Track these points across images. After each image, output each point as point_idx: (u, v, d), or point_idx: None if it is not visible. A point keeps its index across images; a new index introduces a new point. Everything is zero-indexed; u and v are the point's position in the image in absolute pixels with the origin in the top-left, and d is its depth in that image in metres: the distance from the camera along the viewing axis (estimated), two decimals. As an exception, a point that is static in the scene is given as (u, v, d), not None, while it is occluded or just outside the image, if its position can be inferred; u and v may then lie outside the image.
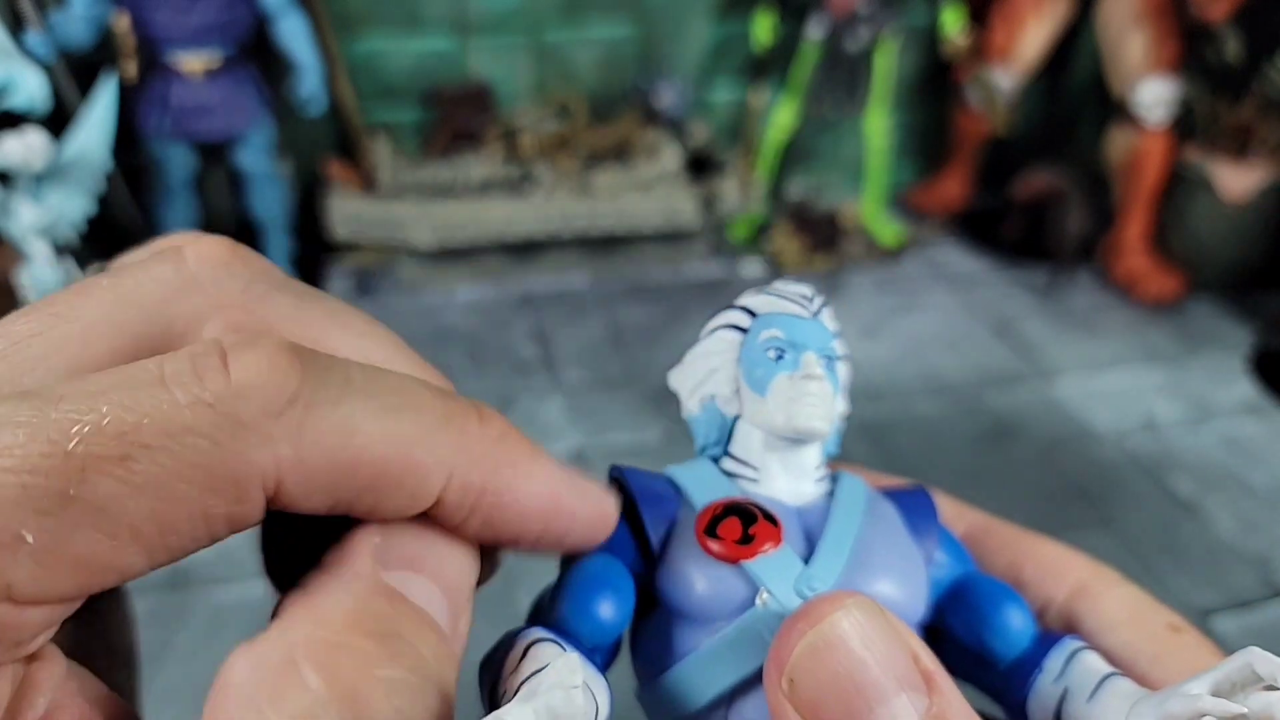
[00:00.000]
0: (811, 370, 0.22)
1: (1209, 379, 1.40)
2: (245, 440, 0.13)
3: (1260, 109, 1.46)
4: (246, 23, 1.35)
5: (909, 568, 0.21)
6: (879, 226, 1.72)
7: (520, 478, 0.17)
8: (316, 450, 0.14)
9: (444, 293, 1.57)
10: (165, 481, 0.13)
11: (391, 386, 0.15)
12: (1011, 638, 0.21)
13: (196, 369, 0.14)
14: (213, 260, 0.17)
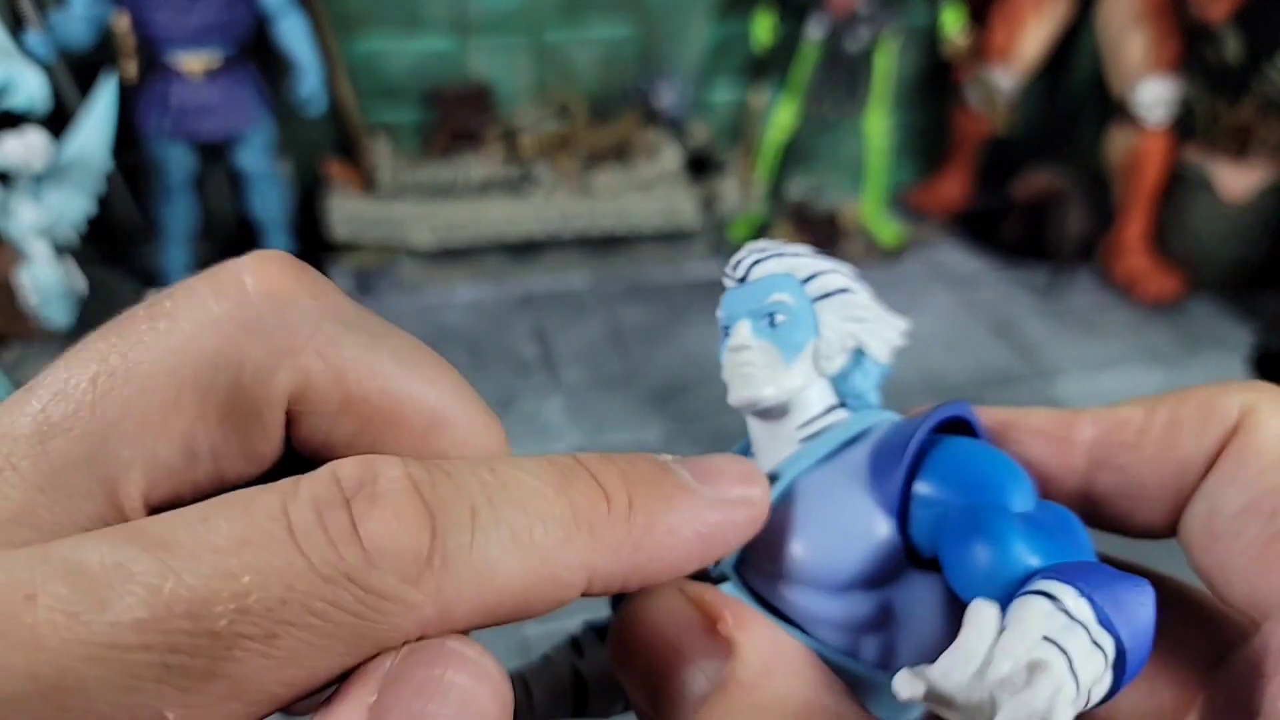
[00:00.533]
0: (738, 340, 0.21)
1: (1209, 379, 1.39)
2: (388, 612, 0.13)
3: (1260, 109, 1.46)
4: (246, 23, 1.35)
5: (838, 528, 0.19)
6: (879, 226, 1.72)
7: (662, 544, 0.16)
8: (459, 605, 0.14)
9: (444, 293, 1.57)
10: (307, 654, 0.13)
11: (514, 499, 0.15)
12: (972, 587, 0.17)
13: (326, 529, 0.13)
14: (279, 295, 0.16)
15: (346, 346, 0.16)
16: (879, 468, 0.19)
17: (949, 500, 0.18)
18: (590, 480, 0.16)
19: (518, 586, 0.14)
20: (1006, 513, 0.17)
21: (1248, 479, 0.17)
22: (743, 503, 0.18)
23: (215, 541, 0.12)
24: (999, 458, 0.19)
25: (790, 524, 0.19)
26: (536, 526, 0.14)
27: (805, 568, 0.19)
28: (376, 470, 0.14)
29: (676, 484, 0.17)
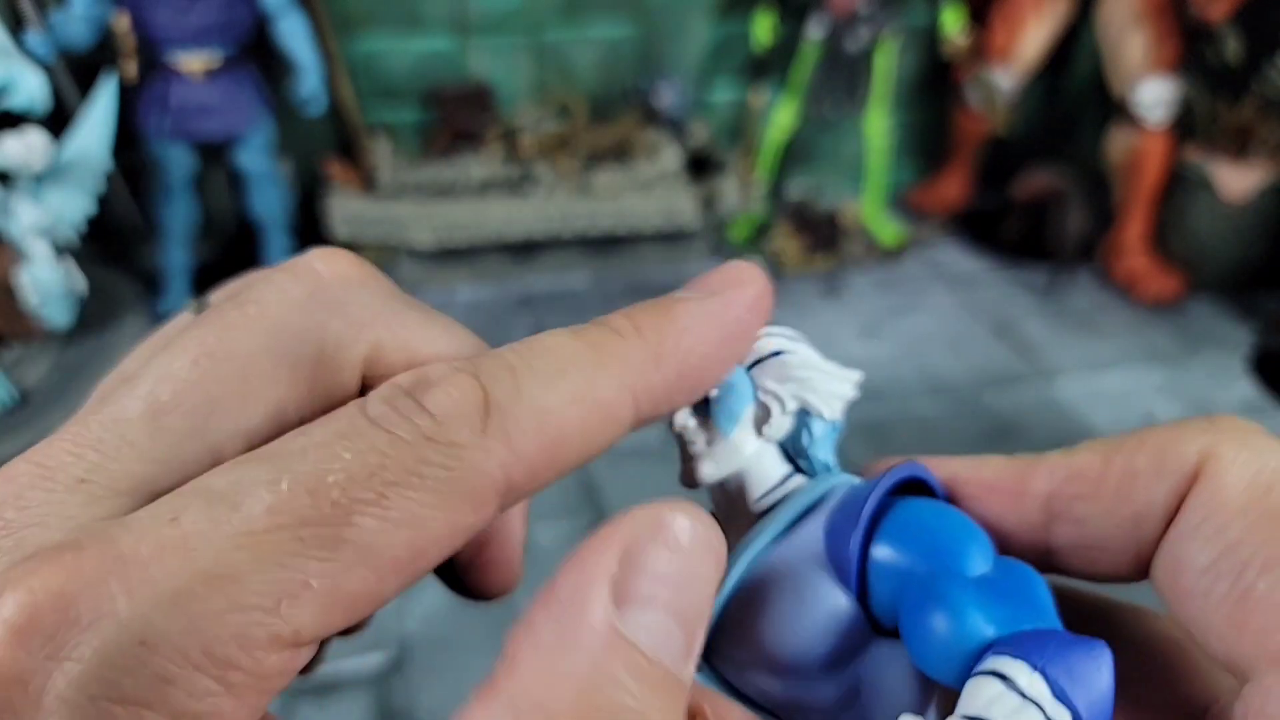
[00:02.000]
0: (676, 423, 0.21)
1: (1209, 379, 1.40)
2: (471, 458, 0.15)
3: (1260, 109, 1.46)
4: (246, 23, 1.35)
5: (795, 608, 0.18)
6: (879, 226, 1.72)
7: (687, 354, 0.18)
8: (525, 440, 0.15)
9: (444, 293, 1.57)
10: (416, 512, 0.14)
11: (538, 352, 0.17)
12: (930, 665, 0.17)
13: (400, 411, 0.15)
14: (349, 279, 0.18)
15: (407, 320, 0.19)
16: (834, 541, 0.18)
17: (905, 569, 0.18)
18: (598, 325, 0.18)
19: (572, 419, 0.16)
20: (961, 580, 0.17)
21: (1212, 533, 0.16)
22: (742, 288, 0.19)
23: (315, 441, 0.15)
24: (953, 518, 0.18)
25: (753, 610, 0.19)
26: (568, 368, 0.16)
27: (772, 655, 0.18)
28: (425, 370, 0.16)
29: (672, 299, 0.19)
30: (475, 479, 0.15)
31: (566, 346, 0.17)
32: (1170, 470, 0.17)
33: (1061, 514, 0.19)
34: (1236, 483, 0.17)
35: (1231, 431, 0.17)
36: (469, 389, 0.15)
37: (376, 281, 0.19)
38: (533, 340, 0.17)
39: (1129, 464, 0.18)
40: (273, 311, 0.17)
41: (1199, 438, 0.17)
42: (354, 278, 0.19)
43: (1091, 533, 0.19)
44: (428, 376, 0.16)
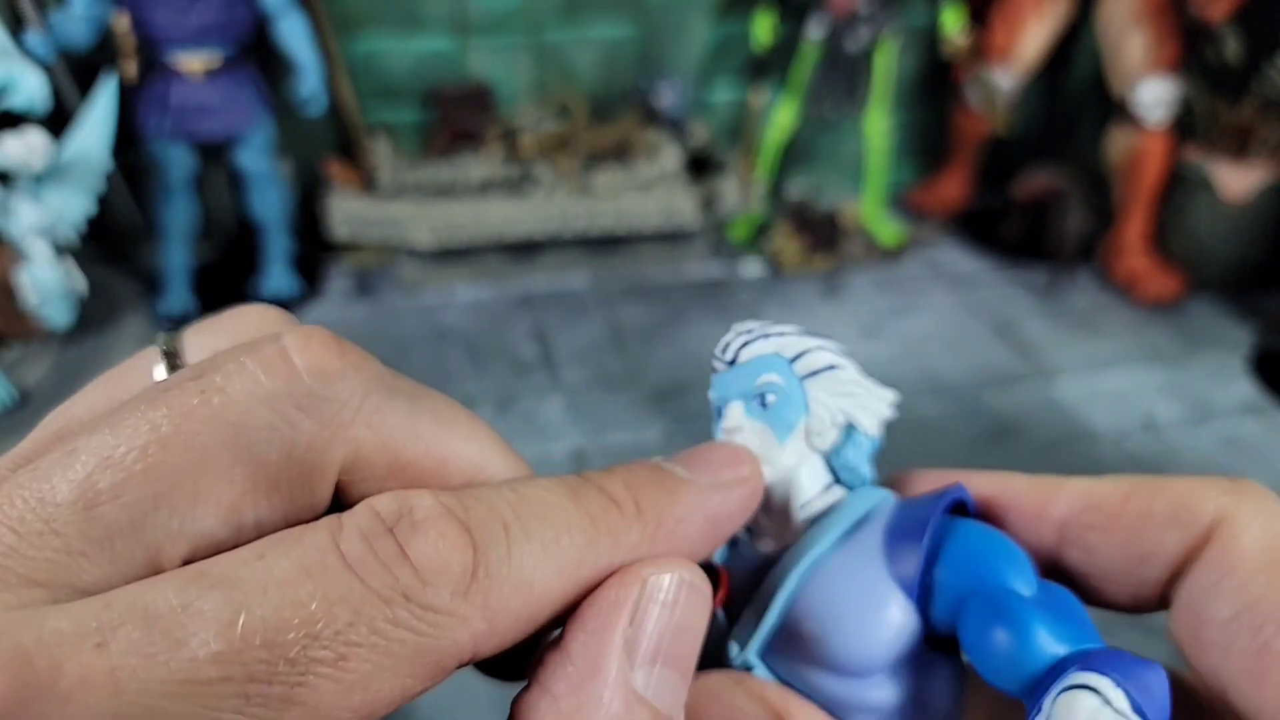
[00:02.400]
0: (731, 423, 0.21)
1: (1209, 379, 1.40)
2: (444, 626, 0.14)
3: (1260, 109, 1.46)
4: (246, 23, 1.35)
5: (862, 613, 0.19)
6: (879, 226, 1.72)
7: (674, 534, 0.17)
8: (505, 615, 0.15)
9: (444, 293, 1.57)
10: (374, 674, 0.13)
11: (535, 512, 0.16)
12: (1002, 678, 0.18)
13: (377, 555, 0.14)
14: (327, 373, 0.17)
15: (391, 415, 0.17)
16: (896, 552, 0.20)
17: (966, 586, 0.19)
18: (599, 492, 0.17)
19: (554, 592, 0.15)
20: (1022, 599, 0.18)
21: (1234, 589, 0.17)
22: (737, 482, 0.19)
23: (277, 575, 0.13)
24: (1004, 542, 0.20)
25: (815, 610, 0.20)
26: (562, 536, 0.16)
27: (833, 654, 0.19)
28: (411, 501, 0.15)
29: (674, 480, 0.18)
30: (444, 649, 0.14)
31: (564, 511, 0.16)
32: (1185, 521, 0.18)
33: (1074, 540, 0.20)
34: (1255, 543, 0.18)
35: (1251, 495, 0.18)
36: (458, 543, 0.14)
37: (358, 372, 0.17)
38: (528, 492, 0.16)
39: (1147, 506, 0.19)
40: (238, 403, 0.15)
41: (1219, 496, 0.18)
42: (333, 371, 0.17)
43: (1098, 562, 0.20)
44: (414, 514, 0.14)
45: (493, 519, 0.15)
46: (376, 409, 0.17)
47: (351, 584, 0.13)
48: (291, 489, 0.16)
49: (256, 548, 0.14)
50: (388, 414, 0.17)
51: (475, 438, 0.19)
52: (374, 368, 0.18)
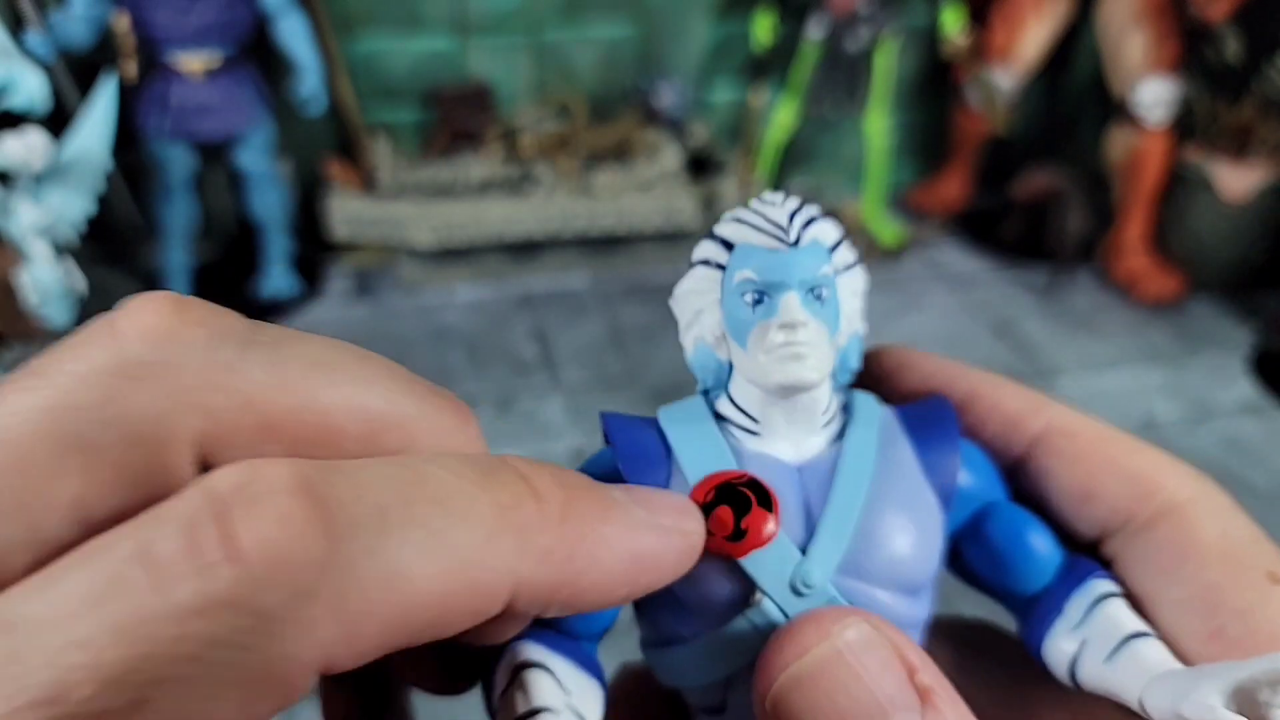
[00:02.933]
0: (792, 316, 0.19)
1: (1209, 379, 1.40)
2: (281, 636, 0.11)
3: (1260, 109, 1.46)
4: (246, 23, 1.35)
5: (922, 528, 0.19)
6: (879, 226, 1.72)
7: (594, 555, 0.15)
8: (364, 618, 0.12)
9: (444, 293, 1.57)
10: (193, 711, 0.11)
11: (430, 496, 0.13)
12: (1029, 579, 0.20)
13: (195, 548, 0.11)
14: (157, 333, 0.14)
15: (248, 368, 0.14)
16: (932, 466, 0.20)
17: (986, 497, 0.20)
18: (518, 479, 0.14)
19: (435, 594, 0.13)
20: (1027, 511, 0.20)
21: (1190, 573, 0.18)
22: (678, 532, 0.17)
23: (65, 606, 0.11)
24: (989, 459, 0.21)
25: (879, 528, 0.19)
26: (456, 526, 0.13)
27: (902, 571, 0.19)
28: (256, 472, 0.12)
29: (612, 498, 0.16)
30: (281, 665, 0.11)
31: (465, 495, 0.13)
32: (1145, 488, 0.19)
33: (1038, 458, 0.21)
34: (1213, 532, 0.18)
35: (1212, 490, 0.19)
36: (308, 532, 0.11)
37: (203, 328, 0.14)
38: (424, 469, 0.13)
39: (1115, 457, 0.20)
40: (60, 387, 0.13)
41: (1184, 480, 0.19)
42: (167, 332, 0.14)
43: (1047, 481, 0.21)
44: (255, 487, 0.12)
45: (364, 498, 0.12)
46: (227, 365, 0.14)
47: (149, 602, 0.11)
48: (140, 473, 0.13)
49: (56, 567, 0.11)
50: (243, 369, 0.14)
51: (375, 381, 0.15)
52: (221, 321, 0.15)
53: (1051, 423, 0.21)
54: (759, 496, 0.18)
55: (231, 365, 0.14)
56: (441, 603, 0.13)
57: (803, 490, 0.19)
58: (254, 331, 0.15)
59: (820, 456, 0.20)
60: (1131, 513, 0.19)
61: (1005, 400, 0.21)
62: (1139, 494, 0.19)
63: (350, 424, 0.15)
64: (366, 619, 0.12)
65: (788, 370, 0.19)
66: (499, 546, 0.13)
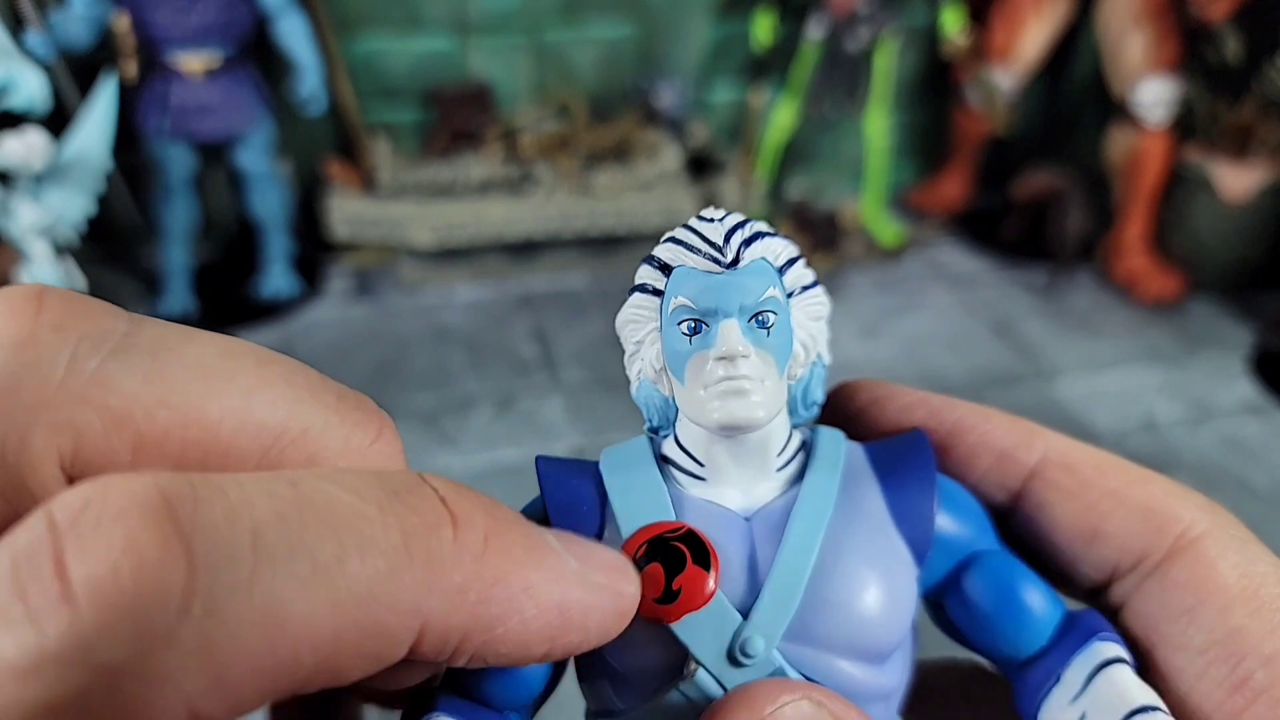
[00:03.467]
0: (729, 347, 0.17)
1: (1209, 379, 1.40)
2: (133, 693, 0.09)
3: (1260, 109, 1.46)
4: (246, 23, 1.35)
5: (888, 585, 0.17)
6: (879, 226, 1.72)
7: (515, 601, 0.13)
8: (237, 665, 0.10)
9: (444, 292, 1.57)
10: None
11: (321, 518, 0.11)
12: (1022, 641, 0.17)
13: (24, 593, 0.09)
14: (10, 341, 0.12)
15: (120, 379, 0.12)
16: (902, 512, 0.17)
17: (967, 546, 0.18)
18: (433, 500, 0.12)
19: (324, 636, 0.11)
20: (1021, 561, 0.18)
21: (1211, 617, 0.16)
22: (611, 592, 0.15)
23: None
24: (976, 500, 0.19)
25: (834, 587, 0.16)
26: (351, 555, 0.11)
27: (861, 635, 0.16)
28: (107, 489, 0.10)
29: (544, 543, 0.14)
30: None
31: (364, 519, 0.11)
32: (1155, 523, 0.17)
33: (1036, 492, 0.19)
34: (1232, 571, 0.16)
35: (1224, 520, 0.17)
36: (161, 558, 0.09)
37: (66, 333, 0.12)
38: (314, 487, 0.11)
39: (1120, 489, 0.18)
40: None
41: (1194, 511, 0.17)
42: (22, 338, 0.12)
43: (1050, 523, 0.19)
44: (101, 509, 0.10)
45: (237, 522, 0.10)
46: (96, 377, 0.12)
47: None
48: (7, 500, 0.12)
49: None
50: (115, 376, 0.12)
51: (270, 387, 0.13)
52: (90, 323, 0.13)
53: (1048, 454, 0.19)
54: (695, 552, 0.16)
55: (100, 376, 0.12)
56: (332, 645, 0.11)
57: (750, 543, 0.17)
58: (131, 334, 0.13)
59: (772, 504, 0.17)
60: (1143, 552, 0.17)
61: (995, 432, 0.19)
62: (1150, 530, 0.17)
63: (242, 439, 0.13)
64: (239, 666, 0.10)
65: (728, 408, 0.16)
66: (403, 580, 0.11)
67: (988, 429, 0.20)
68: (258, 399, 0.13)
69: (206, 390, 0.13)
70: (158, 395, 0.12)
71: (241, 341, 0.14)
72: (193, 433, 0.13)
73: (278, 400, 0.13)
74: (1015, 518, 0.19)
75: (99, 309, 0.13)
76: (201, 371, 0.13)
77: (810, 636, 0.16)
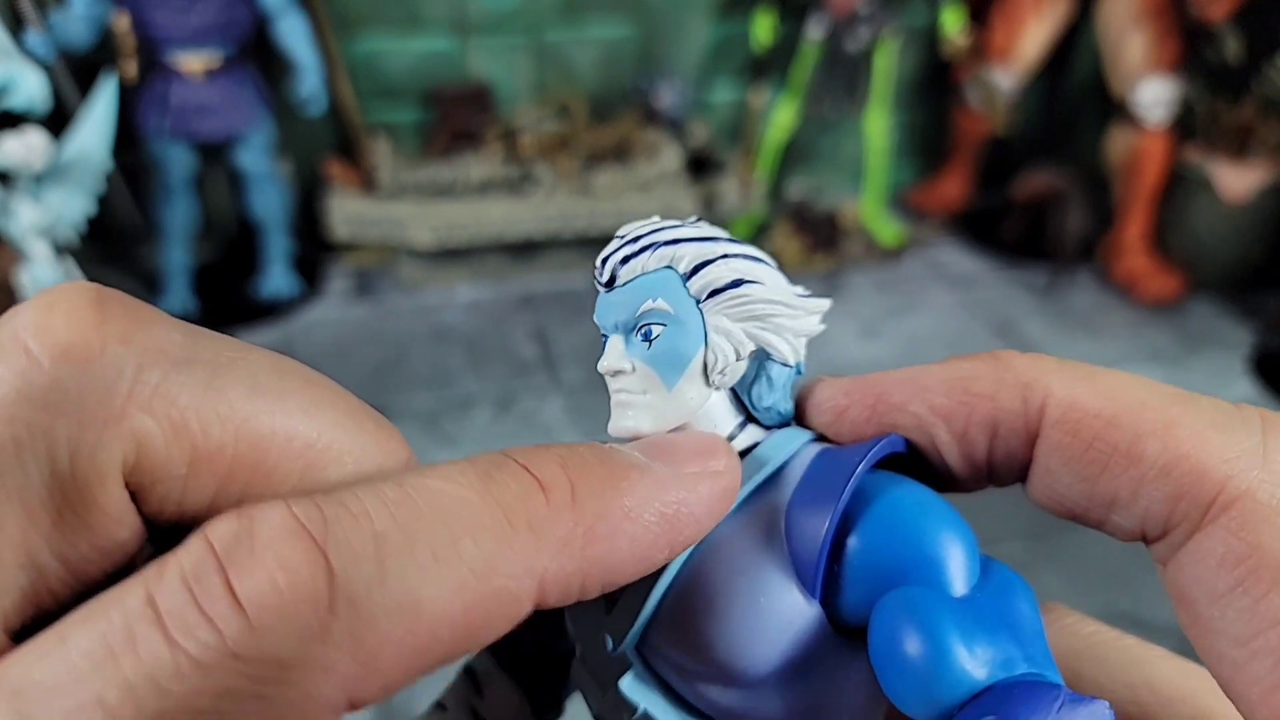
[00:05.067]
0: (606, 363, 0.17)
1: (1209, 379, 1.40)
2: (298, 682, 0.11)
3: (1260, 109, 1.46)
4: (246, 23, 1.35)
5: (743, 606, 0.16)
6: (879, 226, 1.72)
7: (618, 529, 0.14)
8: (385, 651, 0.12)
9: (444, 293, 1.57)
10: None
11: (429, 512, 0.12)
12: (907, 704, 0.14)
13: (199, 604, 0.11)
14: (77, 351, 0.13)
15: (181, 391, 0.13)
16: (800, 524, 0.16)
17: (881, 574, 0.15)
18: (520, 472, 0.13)
19: (455, 612, 0.12)
20: (947, 602, 0.15)
21: (1249, 603, 0.14)
22: (708, 475, 0.15)
23: (75, 666, 0.10)
24: (939, 511, 0.16)
25: (696, 606, 0.16)
26: (463, 539, 0.12)
27: (719, 662, 0.16)
28: (253, 520, 0.12)
29: (627, 463, 0.15)
30: (302, 710, 0.11)
31: (467, 504, 0.13)
32: (1181, 487, 0.15)
33: (1040, 456, 0.16)
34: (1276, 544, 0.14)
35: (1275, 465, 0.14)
36: (307, 571, 0.11)
37: (124, 343, 0.13)
38: (417, 485, 0.13)
39: (1133, 447, 0.15)
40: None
41: (1234, 464, 0.14)
42: (84, 345, 0.13)
43: (1060, 488, 0.16)
44: (253, 537, 0.11)
45: (360, 529, 0.12)
46: (157, 388, 0.13)
47: (161, 656, 0.10)
48: (75, 508, 0.12)
49: (61, 627, 0.11)
50: (176, 391, 0.13)
51: (313, 406, 0.14)
52: (152, 333, 0.13)
53: (1048, 406, 0.16)
54: None
55: (161, 388, 0.13)
56: (464, 619, 0.12)
57: None
58: (190, 346, 0.14)
59: None
60: (1170, 520, 0.15)
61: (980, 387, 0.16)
62: (1175, 495, 0.15)
63: (288, 456, 0.14)
64: (385, 651, 0.12)
65: (614, 420, 0.17)
66: (514, 548, 0.13)
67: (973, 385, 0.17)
68: (305, 418, 0.14)
69: (259, 407, 0.14)
70: (215, 410, 0.13)
71: (290, 360, 0.15)
72: (243, 447, 0.14)
73: (324, 421, 0.14)
74: (1032, 483, 0.17)
75: (158, 318, 0.14)
76: (255, 388, 0.14)
77: (658, 646, 0.16)
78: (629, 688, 0.17)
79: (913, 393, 0.17)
